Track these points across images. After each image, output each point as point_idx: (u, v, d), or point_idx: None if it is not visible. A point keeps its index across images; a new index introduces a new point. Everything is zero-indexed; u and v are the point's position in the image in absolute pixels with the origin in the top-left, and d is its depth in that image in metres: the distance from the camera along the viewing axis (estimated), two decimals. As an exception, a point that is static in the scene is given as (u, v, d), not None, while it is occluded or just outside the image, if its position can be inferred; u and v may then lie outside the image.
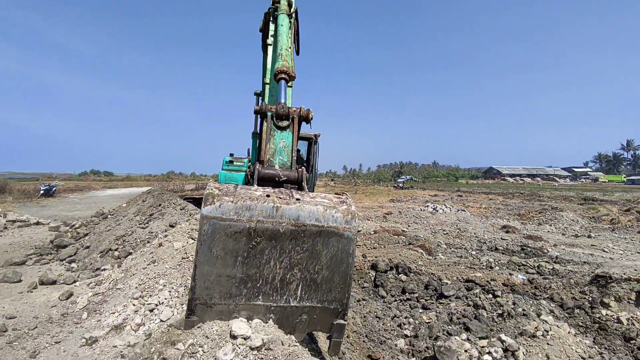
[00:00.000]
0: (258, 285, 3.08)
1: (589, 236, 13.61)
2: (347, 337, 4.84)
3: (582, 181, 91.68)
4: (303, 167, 3.66)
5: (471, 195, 37.03)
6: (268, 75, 5.83)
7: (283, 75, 4.29)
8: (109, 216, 9.73)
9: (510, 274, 7.72)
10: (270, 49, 6.16)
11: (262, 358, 2.69)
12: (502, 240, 12.13)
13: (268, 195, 3.03)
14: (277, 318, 3.19)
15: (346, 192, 3.68)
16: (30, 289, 5.64)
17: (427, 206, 21.90)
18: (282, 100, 4.01)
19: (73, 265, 7.01)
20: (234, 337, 2.99)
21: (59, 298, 5.18)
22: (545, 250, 10.49)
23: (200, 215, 2.83)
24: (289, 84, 4.77)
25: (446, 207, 20.88)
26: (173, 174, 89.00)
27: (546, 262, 9.04)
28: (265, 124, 3.87)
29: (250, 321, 3.16)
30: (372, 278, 7.46)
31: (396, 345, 4.75)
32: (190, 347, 3.08)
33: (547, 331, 4.63)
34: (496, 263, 8.81)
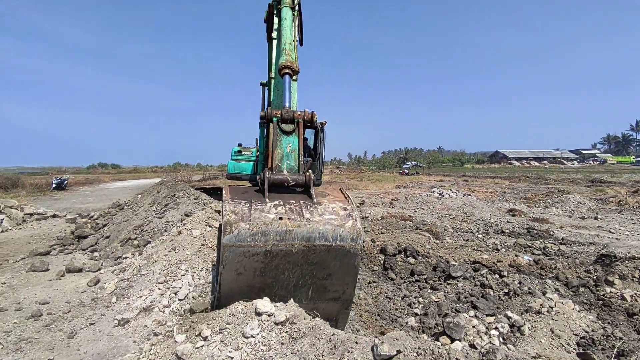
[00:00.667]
0: (274, 290, 3.49)
1: (596, 218, 13.70)
2: (360, 316, 5.11)
3: (590, 163, 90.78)
4: (310, 172, 3.87)
5: (477, 180, 37.00)
6: (273, 70, 5.92)
7: (287, 70, 4.45)
8: (125, 207, 10.04)
9: (517, 256, 7.90)
10: (275, 43, 6.24)
11: (287, 331, 2.94)
12: (508, 223, 12.28)
13: (281, 218, 3.31)
14: None
15: (350, 199, 3.85)
16: (58, 277, 5.95)
17: (433, 191, 22.02)
18: (287, 104, 4.13)
19: (95, 254, 7.34)
20: (258, 314, 3.26)
21: (87, 284, 5.49)
22: (551, 232, 10.64)
23: (222, 244, 3.16)
24: (294, 78, 4.89)
25: (452, 192, 20.99)
26: (180, 165, 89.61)
27: (552, 243, 9.20)
28: (271, 128, 4.01)
29: (272, 302, 3.45)
30: (382, 261, 7.70)
31: (407, 322, 5.00)
32: (219, 324, 3.35)
33: (552, 308, 4.84)
34: (502, 245, 8.99)
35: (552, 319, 4.65)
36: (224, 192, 3.73)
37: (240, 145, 13.95)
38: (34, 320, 4.40)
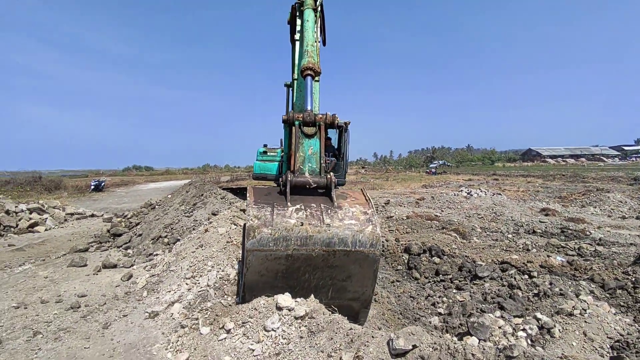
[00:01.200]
0: (295, 290, 3.59)
1: (638, 217, 12.90)
2: (382, 314, 5.09)
3: (633, 160, 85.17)
4: (332, 174, 3.93)
5: (508, 179, 35.72)
6: (296, 71, 5.99)
7: (309, 72, 4.53)
8: (157, 207, 10.48)
9: (548, 256, 7.59)
10: (297, 44, 6.32)
11: (306, 325, 3.00)
12: (540, 223, 11.80)
13: (302, 224, 3.42)
14: None
15: (371, 202, 3.89)
16: (95, 272, 6.31)
17: (461, 191, 21.48)
18: (309, 107, 4.19)
19: (129, 251, 7.71)
20: (279, 308, 3.34)
21: (121, 279, 5.79)
22: (588, 233, 10.13)
23: (245, 249, 3.31)
24: (316, 79, 4.95)
25: (481, 191, 20.40)
26: (209, 166, 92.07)
27: (588, 244, 8.76)
28: (293, 131, 4.10)
29: (293, 298, 3.53)
30: (406, 261, 7.63)
31: (430, 322, 4.93)
32: (242, 318, 3.46)
33: (585, 310, 4.62)
34: (533, 245, 8.66)
35: (585, 322, 4.44)
36: (247, 194, 3.85)
37: (265, 146, 14.19)
38: (73, 312, 4.69)
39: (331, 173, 3.97)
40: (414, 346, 2.14)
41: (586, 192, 20.13)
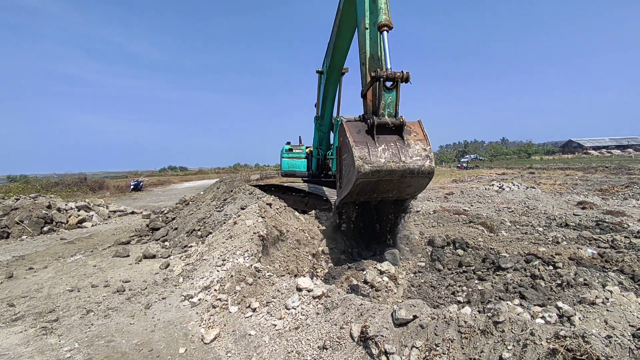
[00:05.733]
0: (373, 195, 6.25)
1: (685, 210, 12.13)
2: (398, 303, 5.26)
3: (688, 150, 78.53)
4: (402, 116, 5.62)
5: (545, 172, 34.25)
6: (366, 21, 6.32)
7: (385, 28, 5.44)
8: (190, 203, 11.10)
9: (579, 249, 7.41)
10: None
11: (322, 303, 3.27)
12: (574, 216, 11.40)
13: (387, 161, 5.33)
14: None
15: (427, 138, 5.82)
16: (137, 261, 6.91)
17: (492, 185, 20.93)
18: (389, 65, 5.34)
19: (166, 243, 8.30)
20: (299, 289, 3.64)
21: (159, 267, 6.32)
22: (625, 225, 9.70)
23: (355, 178, 5.32)
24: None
25: (514, 185, 19.81)
26: (239, 165, 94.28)
27: (625, 236, 8.41)
28: (378, 85, 5.56)
29: (312, 279, 3.82)
30: (429, 253, 7.70)
31: (448, 310, 5.05)
32: (266, 298, 3.78)
33: (608, 299, 4.58)
34: (564, 238, 8.45)
35: (607, 310, 4.40)
36: (347, 133, 5.52)
37: (289, 143, 14.48)
38: (119, 294, 5.24)
39: (403, 116, 5.62)
40: (415, 316, 2.34)
41: (630, 184, 19.07)
